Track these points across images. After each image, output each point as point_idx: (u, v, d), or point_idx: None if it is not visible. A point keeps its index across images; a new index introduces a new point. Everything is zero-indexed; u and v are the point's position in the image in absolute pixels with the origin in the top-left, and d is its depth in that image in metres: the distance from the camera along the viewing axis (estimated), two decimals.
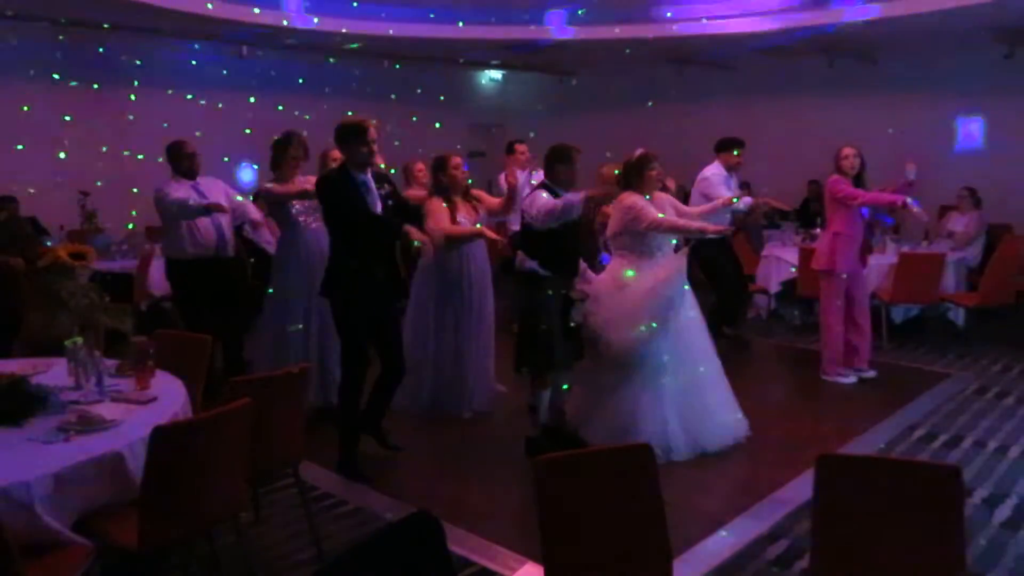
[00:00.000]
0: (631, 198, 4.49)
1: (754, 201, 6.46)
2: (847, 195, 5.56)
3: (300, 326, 4.98)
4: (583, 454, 2.59)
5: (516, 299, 4.69)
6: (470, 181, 5.17)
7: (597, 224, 5.20)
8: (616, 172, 4.93)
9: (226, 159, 7.86)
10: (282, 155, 5.01)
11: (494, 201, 5.19)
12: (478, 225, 4.94)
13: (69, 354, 3.23)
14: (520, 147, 7.01)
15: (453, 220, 4.86)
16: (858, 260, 5.81)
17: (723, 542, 3.54)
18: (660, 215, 4.43)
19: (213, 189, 5.30)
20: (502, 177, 4.96)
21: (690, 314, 4.58)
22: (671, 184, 5.10)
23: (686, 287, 4.52)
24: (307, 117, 7.79)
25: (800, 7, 8.19)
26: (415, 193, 5.49)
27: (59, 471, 2.42)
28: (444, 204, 4.90)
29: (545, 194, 4.36)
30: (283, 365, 4.00)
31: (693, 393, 4.49)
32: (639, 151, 4.64)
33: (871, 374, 5.96)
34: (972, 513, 3.74)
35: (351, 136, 4.01)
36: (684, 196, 6.61)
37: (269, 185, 5.01)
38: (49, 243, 6.75)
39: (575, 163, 4.44)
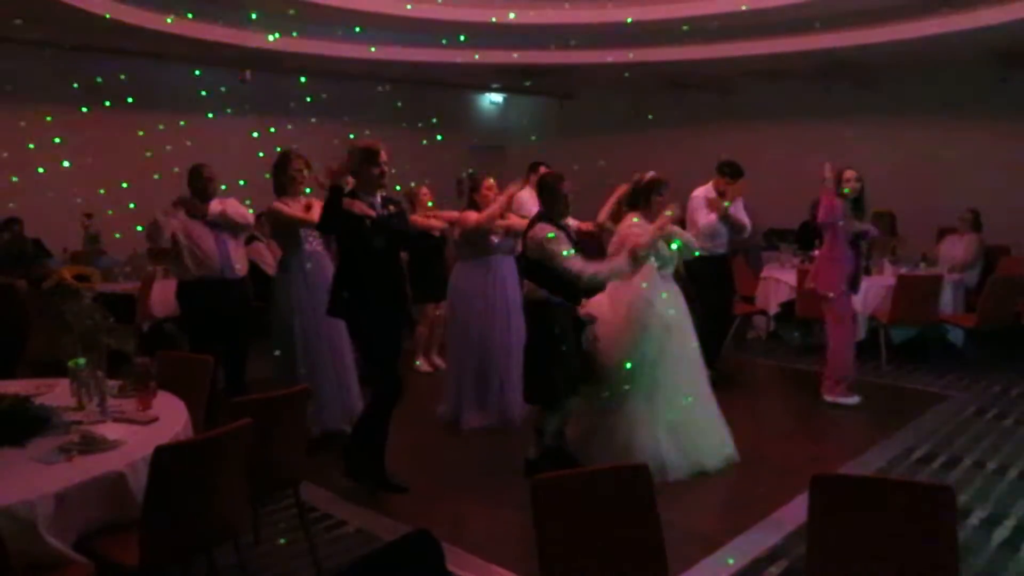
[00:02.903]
0: (631, 222, 4.55)
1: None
2: (823, 219, 5.61)
3: (299, 347, 5.01)
4: (580, 474, 2.60)
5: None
6: None
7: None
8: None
9: (227, 183, 7.90)
10: (283, 175, 5.06)
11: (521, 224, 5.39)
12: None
13: (72, 375, 3.26)
14: (544, 169, 7.04)
15: None
16: (847, 283, 5.74)
17: (722, 563, 3.54)
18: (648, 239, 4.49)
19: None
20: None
21: (687, 339, 4.63)
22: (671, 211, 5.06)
23: (666, 295, 4.61)
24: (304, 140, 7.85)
25: (796, 30, 8.28)
26: (449, 214, 5.65)
27: (61, 491, 2.44)
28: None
29: (551, 232, 4.23)
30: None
31: (687, 413, 4.51)
32: (650, 174, 4.67)
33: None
34: (970, 534, 3.75)
35: (366, 159, 4.11)
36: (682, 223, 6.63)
37: (278, 205, 5.03)
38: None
39: (559, 191, 4.38)
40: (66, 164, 8.70)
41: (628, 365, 4.44)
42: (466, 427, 5.34)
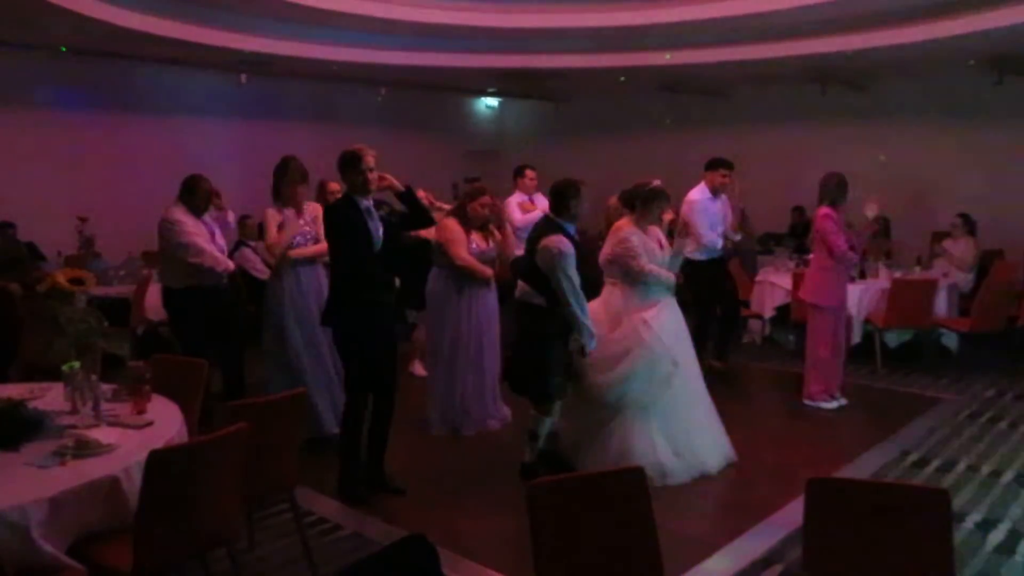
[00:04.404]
0: (627, 230, 4.56)
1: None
2: (832, 243, 5.57)
3: (298, 355, 5.02)
4: (576, 478, 2.60)
5: (513, 326, 4.72)
6: None
7: None
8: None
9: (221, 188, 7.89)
10: (282, 182, 5.07)
11: (510, 238, 5.55)
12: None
13: (66, 378, 3.24)
14: (530, 172, 7.09)
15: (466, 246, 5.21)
16: (844, 292, 5.76)
17: (717, 566, 3.54)
18: (647, 264, 4.51)
19: (218, 222, 5.33)
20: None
21: (682, 341, 4.63)
22: (668, 216, 5.05)
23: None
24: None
25: (793, 35, 8.30)
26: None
27: (55, 495, 2.43)
28: (460, 227, 5.19)
29: (562, 240, 4.20)
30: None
31: (684, 416, 4.52)
32: (656, 182, 4.65)
33: (843, 401, 5.95)
34: (965, 538, 3.76)
35: (349, 164, 4.11)
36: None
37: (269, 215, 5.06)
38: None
39: (581, 197, 4.33)
40: (61, 167, 8.71)
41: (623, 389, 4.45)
42: (458, 431, 5.32)
